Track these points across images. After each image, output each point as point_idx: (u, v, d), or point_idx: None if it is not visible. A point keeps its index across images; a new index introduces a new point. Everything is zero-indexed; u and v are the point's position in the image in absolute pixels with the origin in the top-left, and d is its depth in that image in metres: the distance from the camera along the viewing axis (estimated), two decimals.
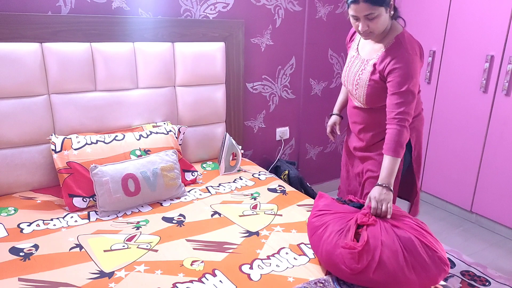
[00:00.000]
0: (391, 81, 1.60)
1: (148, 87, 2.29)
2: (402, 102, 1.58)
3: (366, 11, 1.52)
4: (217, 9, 2.49)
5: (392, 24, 1.66)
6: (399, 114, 1.58)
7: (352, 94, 1.82)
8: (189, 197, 2.04)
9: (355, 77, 1.74)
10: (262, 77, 2.80)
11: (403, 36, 1.64)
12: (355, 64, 1.77)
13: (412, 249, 1.33)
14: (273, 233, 1.71)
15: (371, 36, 1.62)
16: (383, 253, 1.31)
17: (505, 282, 2.20)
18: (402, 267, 1.29)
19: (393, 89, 1.59)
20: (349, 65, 1.80)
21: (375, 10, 1.51)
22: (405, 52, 1.59)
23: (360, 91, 1.72)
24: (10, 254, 1.52)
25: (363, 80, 1.70)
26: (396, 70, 1.58)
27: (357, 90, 1.74)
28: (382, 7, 1.53)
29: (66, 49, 2.02)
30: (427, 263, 1.32)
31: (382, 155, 1.62)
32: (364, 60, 1.72)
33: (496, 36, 2.51)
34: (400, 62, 1.57)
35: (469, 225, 2.84)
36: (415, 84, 1.60)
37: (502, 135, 2.57)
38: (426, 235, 1.41)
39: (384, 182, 1.55)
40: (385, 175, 1.56)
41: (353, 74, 1.76)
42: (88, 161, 1.93)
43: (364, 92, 1.70)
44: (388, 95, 1.62)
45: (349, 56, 1.83)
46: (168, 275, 1.42)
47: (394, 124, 1.58)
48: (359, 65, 1.74)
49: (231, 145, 2.34)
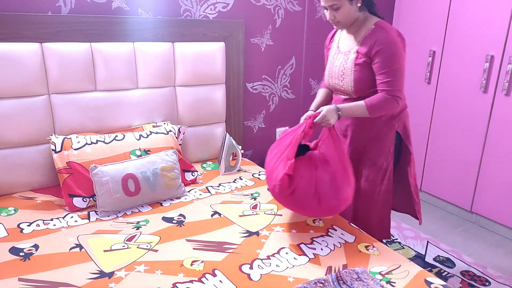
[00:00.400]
0: (378, 62, 1.67)
1: (148, 87, 2.29)
2: (391, 80, 1.66)
3: (330, 2, 1.66)
4: (217, 9, 2.49)
5: (367, 16, 1.76)
6: (389, 89, 1.67)
7: (338, 89, 1.85)
8: (189, 197, 2.04)
9: (339, 69, 1.80)
10: (262, 77, 2.80)
11: (382, 23, 1.73)
12: (337, 59, 1.83)
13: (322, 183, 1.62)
14: (273, 233, 1.71)
15: (339, 25, 1.74)
16: (301, 183, 1.61)
17: (505, 282, 2.20)
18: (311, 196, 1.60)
19: (381, 69, 1.67)
20: (332, 62, 1.86)
21: (337, 1, 1.65)
22: (387, 34, 1.67)
23: (348, 79, 1.77)
24: (10, 254, 1.52)
25: (348, 68, 1.76)
26: (381, 51, 1.65)
27: (343, 80, 1.79)
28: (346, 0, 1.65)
29: (66, 49, 2.02)
30: (331, 198, 1.61)
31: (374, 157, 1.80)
32: (346, 52, 1.79)
33: (496, 36, 2.51)
34: (384, 43, 1.65)
35: (469, 225, 2.84)
36: (403, 64, 1.68)
37: (502, 135, 2.57)
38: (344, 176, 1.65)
39: (341, 110, 1.69)
40: (347, 107, 1.71)
41: (337, 67, 1.82)
42: (88, 161, 1.93)
43: (352, 79, 1.75)
44: (377, 75, 1.69)
45: (331, 55, 1.89)
46: (168, 275, 1.42)
47: (384, 93, 1.68)
48: (342, 57, 1.80)
49: (231, 145, 2.34)
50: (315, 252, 1.58)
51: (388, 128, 1.82)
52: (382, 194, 1.88)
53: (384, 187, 1.86)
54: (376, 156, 1.84)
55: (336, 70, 1.82)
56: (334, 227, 1.77)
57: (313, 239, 1.67)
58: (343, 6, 1.65)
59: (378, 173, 1.85)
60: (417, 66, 3.00)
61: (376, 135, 1.83)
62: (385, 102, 1.68)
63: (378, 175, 1.86)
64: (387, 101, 1.67)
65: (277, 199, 1.75)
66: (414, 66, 3.02)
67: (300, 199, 1.62)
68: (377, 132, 1.82)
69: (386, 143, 1.83)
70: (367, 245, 1.63)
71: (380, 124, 1.81)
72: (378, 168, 1.85)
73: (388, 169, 1.84)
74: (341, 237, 1.69)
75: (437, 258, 2.41)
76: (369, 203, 1.90)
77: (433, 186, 3.06)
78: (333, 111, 1.68)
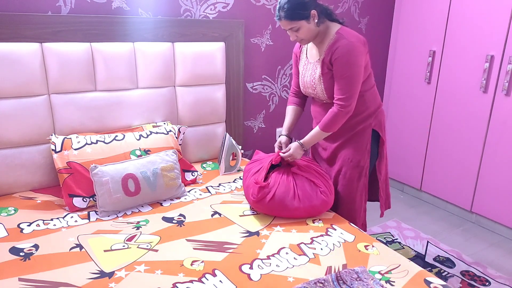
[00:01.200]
0: (335, 69, 1.75)
1: (148, 87, 2.29)
2: (342, 88, 1.74)
3: (288, 26, 1.72)
4: (217, 9, 2.49)
5: (329, 25, 1.80)
6: (340, 99, 1.76)
7: (313, 96, 1.95)
8: (189, 197, 2.04)
9: (310, 79, 1.88)
10: (262, 77, 2.80)
11: (343, 30, 1.78)
12: (307, 69, 1.90)
13: (301, 186, 1.81)
14: (273, 233, 1.71)
15: (304, 42, 1.81)
16: (279, 189, 1.79)
17: (505, 282, 2.20)
18: (290, 198, 1.78)
19: (336, 76, 1.75)
20: (303, 73, 1.93)
21: (295, 24, 1.70)
22: (346, 41, 1.72)
23: (319, 88, 1.85)
24: (10, 254, 1.52)
25: (317, 79, 1.84)
26: (337, 60, 1.72)
27: (315, 89, 1.87)
28: (302, 20, 1.70)
29: (66, 49, 2.02)
30: (311, 196, 1.80)
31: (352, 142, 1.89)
32: (313, 63, 1.86)
33: (496, 36, 2.51)
34: (341, 51, 1.71)
35: (469, 225, 2.84)
36: (358, 71, 1.74)
37: (502, 135, 2.57)
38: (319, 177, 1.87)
39: (304, 144, 1.86)
40: (309, 139, 1.87)
41: (308, 78, 1.89)
42: (88, 161, 1.93)
43: (322, 87, 1.83)
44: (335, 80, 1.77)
45: (301, 66, 1.95)
46: (168, 275, 1.42)
47: (335, 107, 1.78)
48: (311, 68, 1.87)
49: (231, 145, 2.34)
50: (315, 252, 1.58)
51: (364, 126, 1.88)
52: (359, 191, 1.94)
53: (361, 184, 1.93)
54: (353, 154, 1.90)
55: (307, 80, 1.90)
56: (334, 226, 1.77)
57: (313, 239, 1.67)
58: (301, 27, 1.71)
59: (355, 171, 1.91)
60: (417, 66, 3.00)
61: (352, 134, 1.89)
62: (335, 117, 1.78)
63: (355, 172, 1.91)
64: (337, 116, 1.78)
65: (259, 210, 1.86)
66: (414, 66, 3.02)
67: (280, 203, 1.78)
68: (353, 130, 1.88)
69: (363, 141, 1.89)
70: (367, 244, 1.63)
71: (356, 123, 1.87)
72: (354, 166, 1.90)
73: (364, 166, 1.91)
74: (340, 237, 1.69)
75: (437, 258, 2.41)
76: (347, 199, 1.96)
77: (433, 186, 3.06)
78: (299, 148, 1.87)
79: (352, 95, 1.75)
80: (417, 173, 3.15)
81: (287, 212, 1.80)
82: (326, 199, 1.83)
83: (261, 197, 1.79)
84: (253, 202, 1.84)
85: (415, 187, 3.21)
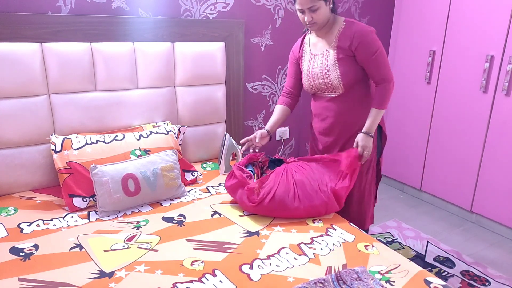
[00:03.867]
0: (362, 53, 1.79)
1: (148, 87, 2.29)
2: (379, 64, 1.81)
3: (309, 4, 1.75)
4: (217, 9, 2.49)
5: (334, 16, 1.88)
6: (384, 77, 1.82)
7: (324, 89, 1.93)
8: (189, 197, 2.04)
9: (322, 68, 1.89)
10: (262, 77, 2.80)
11: (350, 19, 1.86)
12: (315, 61, 1.92)
13: (301, 186, 1.81)
14: (273, 233, 1.71)
15: (315, 26, 1.82)
16: (278, 189, 1.79)
17: (505, 282, 2.20)
18: (291, 198, 1.78)
19: (366, 58, 1.80)
20: (310, 66, 1.94)
21: (316, 2, 1.74)
22: (360, 25, 1.82)
23: (334, 75, 1.86)
24: (10, 254, 1.52)
25: (331, 65, 1.86)
26: (362, 41, 1.78)
27: (329, 77, 1.87)
28: (322, 0, 1.76)
29: (66, 49, 2.02)
30: (311, 196, 1.79)
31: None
32: (322, 53, 1.89)
33: (496, 36, 2.51)
34: (362, 35, 1.79)
35: (469, 225, 2.84)
36: (381, 46, 1.82)
37: (502, 135, 2.57)
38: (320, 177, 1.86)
39: (369, 131, 1.85)
40: (370, 124, 1.85)
41: (318, 68, 1.90)
42: (88, 161, 1.93)
43: (338, 73, 1.85)
44: (365, 66, 1.83)
45: (305, 62, 1.97)
46: (168, 275, 1.42)
47: (386, 82, 1.82)
48: (320, 58, 1.90)
49: (231, 145, 2.34)
50: (315, 252, 1.58)
51: None
52: (367, 184, 1.99)
53: (369, 177, 1.99)
54: None
55: (318, 70, 1.90)
56: (334, 226, 1.77)
57: (313, 239, 1.67)
58: (320, 7, 1.76)
59: (364, 165, 1.94)
60: (417, 66, 3.00)
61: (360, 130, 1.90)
62: (388, 92, 1.83)
63: (363, 167, 1.94)
64: (388, 90, 1.83)
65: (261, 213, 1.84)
66: (414, 66, 3.02)
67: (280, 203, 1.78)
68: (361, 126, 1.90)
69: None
70: (367, 244, 1.63)
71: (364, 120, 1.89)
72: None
73: (372, 160, 1.96)
74: (340, 237, 1.69)
75: (437, 258, 2.41)
76: (356, 194, 1.99)
77: (433, 186, 3.06)
78: (366, 137, 1.85)
79: (389, 67, 1.83)
80: (417, 173, 3.15)
81: (287, 212, 1.81)
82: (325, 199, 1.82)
83: (261, 198, 1.78)
84: (253, 208, 1.81)
85: (415, 187, 3.21)
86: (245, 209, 1.88)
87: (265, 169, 2.07)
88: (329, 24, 1.86)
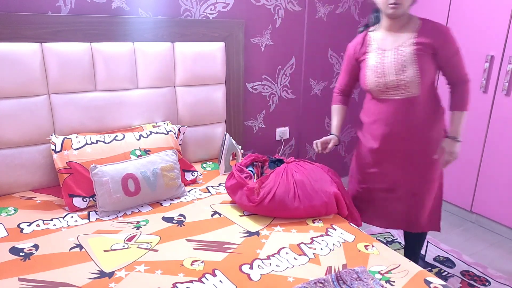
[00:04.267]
0: (446, 51, 1.73)
1: (148, 87, 2.29)
2: (459, 63, 1.77)
3: None
4: (217, 9, 2.49)
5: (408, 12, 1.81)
6: (461, 75, 1.78)
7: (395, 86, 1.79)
8: (189, 197, 2.04)
9: (396, 63, 1.76)
10: (262, 77, 2.80)
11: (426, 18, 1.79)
12: (387, 56, 1.79)
13: (302, 186, 1.83)
14: (273, 233, 1.71)
15: (400, 8, 1.70)
16: (278, 189, 1.80)
17: (505, 282, 2.20)
18: (291, 198, 1.79)
19: (449, 56, 1.75)
20: (380, 62, 1.80)
21: None
22: (439, 25, 1.76)
23: (412, 70, 1.74)
24: (10, 254, 1.52)
25: (408, 60, 1.74)
26: (447, 39, 1.73)
27: (406, 72, 1.75)
28: None
29: (66, 49, 2.02)
30: (311, 196, 1.81)
31: None
32: (396, 47, 1.78)
33: (496, 36, 2.51)
34: (445, 31, 1.74)
35: (469, 225, 2.84)
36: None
37: (502, 135, 2.57)
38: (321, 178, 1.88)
39: (456, 135, 1.80)
40: (457, 127, 1.79)
41: (392, 63, 1.77)
42: (88, 161, 1.93)
43: (416, 68, 1.74)
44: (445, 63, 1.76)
45: (372, 58, 1.83)
46: (168, 275, 1.42)
47: (465, 82, 1.79)
48: (393, 53, 1.78)
49: (231, 145, 2.34)
50: (315, 252, 1.58)
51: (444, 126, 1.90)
52: (438, 187, 1.98)
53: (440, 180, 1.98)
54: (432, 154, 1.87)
55: (392, 65, 1.77)
56: (334, 226, 1.77)
57: (313, 239, 1.67)
58: None
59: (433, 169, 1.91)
60: None
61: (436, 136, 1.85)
62: (466, 92, 1.79)
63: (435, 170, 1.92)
64: (467, 90, 1.79)
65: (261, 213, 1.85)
66: None
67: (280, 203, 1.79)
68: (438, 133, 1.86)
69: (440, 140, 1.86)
70: (367, 244, 1.63)
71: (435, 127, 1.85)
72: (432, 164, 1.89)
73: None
74: (340, 237, 1.69)
75: (437, 258, 2.41)
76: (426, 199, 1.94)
77: None
78: (453, 142, 1.80)
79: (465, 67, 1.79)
80: None
81: (287, 212, 1.81)
82: (325, 199, 1.82)
83: (261, 198, 1.79)
84: (253, 208, 1.82)
85: None
86: (245, 209, 1.88)
87: (265, 169, 2.07)
88: (405, 18, 1.77)
